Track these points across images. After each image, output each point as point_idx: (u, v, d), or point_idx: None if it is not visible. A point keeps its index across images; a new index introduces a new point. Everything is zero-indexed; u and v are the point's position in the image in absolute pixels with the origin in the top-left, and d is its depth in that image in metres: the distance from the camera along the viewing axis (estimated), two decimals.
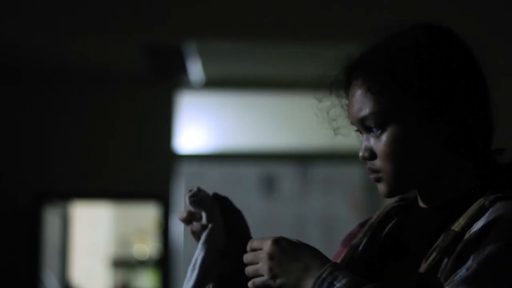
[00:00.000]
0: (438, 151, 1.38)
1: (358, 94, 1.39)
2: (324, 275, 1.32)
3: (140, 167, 6.05)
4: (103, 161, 6.04)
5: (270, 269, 1.36)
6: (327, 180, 6.43)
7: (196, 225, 1.56)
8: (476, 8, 4.31)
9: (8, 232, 5.88)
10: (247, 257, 1.41)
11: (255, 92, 6.35)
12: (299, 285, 1.35)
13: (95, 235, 8.87)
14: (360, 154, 1.41)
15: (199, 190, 1.55)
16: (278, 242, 1.37)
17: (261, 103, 6.32)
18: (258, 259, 1.38)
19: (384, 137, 1.38)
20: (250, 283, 1.40)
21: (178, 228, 6.08)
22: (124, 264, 8.66)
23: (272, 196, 6.54)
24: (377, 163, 1.39)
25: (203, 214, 1.55)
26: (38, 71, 5.95)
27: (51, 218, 6.17)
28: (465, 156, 1.39)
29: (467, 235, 1.31)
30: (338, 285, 1.30)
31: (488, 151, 1.41)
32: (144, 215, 8.01)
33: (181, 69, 5.80)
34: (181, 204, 6.10)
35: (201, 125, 6.44)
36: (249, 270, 1.40)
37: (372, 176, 1.41)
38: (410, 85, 1.36)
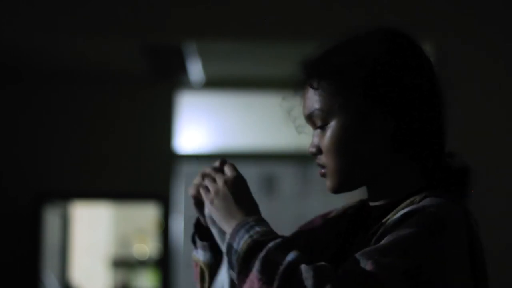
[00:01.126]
0: (383, 151, 1.40)
1: (308, 91, 1.44)
2: (250, 220, 1.35)
3: (140, 167, 6.05)
4: (103, 161, 6.04)
5: (216, 193, 1.39)
6: None
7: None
8: (476, 8, 4.31)
9: (8, 232, 5.88)
10: (207, 171, 1.43)
11: (255, 92, 6.35)
12: (225, 221, 1.37)
13: (95, 235, 8.87)
14: (309, 149, 1.45)
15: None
16: (241, 180, 1.41)
17: (261, 103, 6.32)
18: (216, 178, 1.41)
19: (327, 133, 1.41)
20: (191, 188, 1.44)
21: (178, 228, 6.08)
22: (124, 264, 8.67)
23: (272, 196, 6.54)
24: (322, 158, 1.43)
25: None
26: (38, 71, 5.95)
27: (51, 218, 6.17)
28: (411, 158, 1.41)
29: (389, 221, 1.33)
30: (257, 229, 1.32)
31: (438, 154, 1.42)
32: (144, 215, 8.01)
33: (181, 69, 5.81)
34: (181, 204, 6.10)
35: (201, 125, 6.44)
36: (205, 179, 1.43)
37: (320, 171, 1.44)
38: (353, 85, 1.38)
